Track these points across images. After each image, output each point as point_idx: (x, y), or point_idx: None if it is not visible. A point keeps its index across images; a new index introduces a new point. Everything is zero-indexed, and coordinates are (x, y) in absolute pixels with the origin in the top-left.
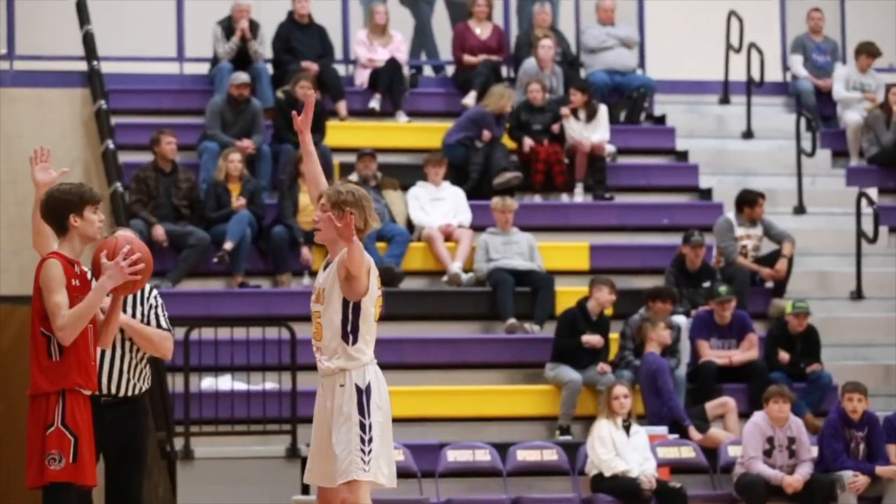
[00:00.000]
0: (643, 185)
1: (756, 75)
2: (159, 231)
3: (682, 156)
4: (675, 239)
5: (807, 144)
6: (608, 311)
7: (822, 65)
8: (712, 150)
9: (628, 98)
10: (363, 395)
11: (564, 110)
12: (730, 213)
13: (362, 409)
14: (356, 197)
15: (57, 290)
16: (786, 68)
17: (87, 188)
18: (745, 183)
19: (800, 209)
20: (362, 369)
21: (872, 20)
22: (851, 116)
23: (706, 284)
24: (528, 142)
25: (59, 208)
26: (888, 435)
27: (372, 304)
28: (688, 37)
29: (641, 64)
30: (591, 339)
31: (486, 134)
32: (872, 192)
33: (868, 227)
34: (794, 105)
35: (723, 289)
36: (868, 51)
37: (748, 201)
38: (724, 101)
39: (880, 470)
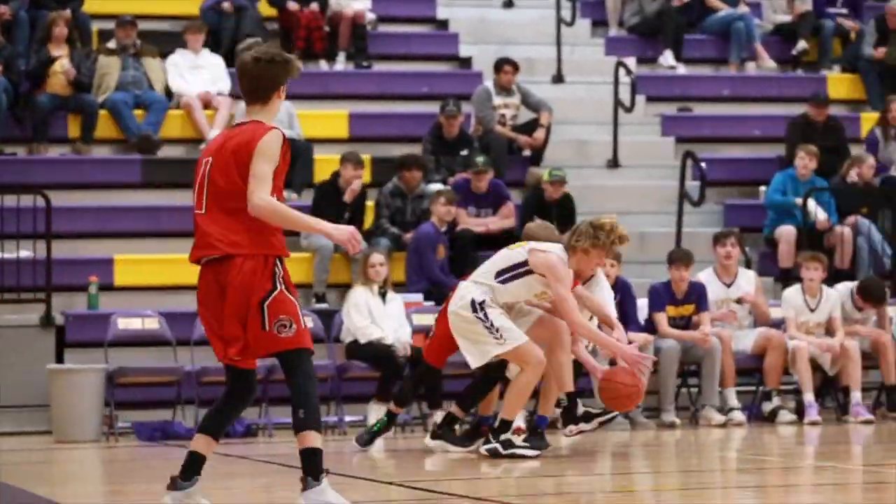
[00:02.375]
0: (403, 53)
1: None
2: None
3: (443, 24)
4: (435, 107)
5: (567, 13)
6: (365, 179)
7: None
8: (473, 19)
9: None
10: None
11: None
12: (488, 82)
13: None
14: None
15: (272, 162)
16: None
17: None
18: (504, 52)
19: (558, 78)
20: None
21: None
22: None
23: (464, 153)
24: (292, 5)
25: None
26: (653, 303)
27: None
28: None
29: None
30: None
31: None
32: (630, 61)
33: (625, 96)
34: None
35: (480, 159)
36: None
37: (496, 68)
38: None
39: (633, 335)
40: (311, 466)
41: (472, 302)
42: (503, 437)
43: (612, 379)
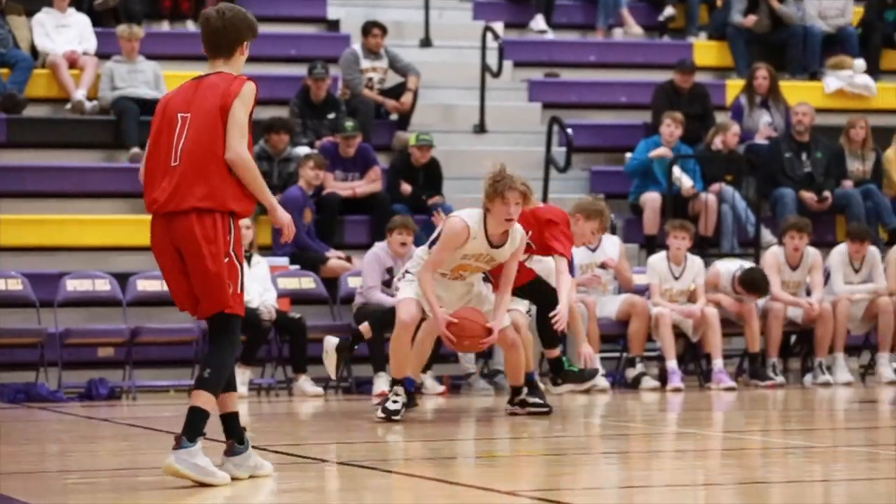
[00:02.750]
0: (272, 15)
1: None
2: None
3: None
4: (303, 70)
5: None
6: None
7: None
8: None
9: None
10: None
11: None
12: (356, 45)
13: None
14: None
15: (249, 112)
16: None
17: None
18: (373, 15)
19: (426, 42)
20: None
21: None
22: None
23: (331, 116)
24: None
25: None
26: None
27: None
28: None
29: None
30: None
31: None
32: (498, 26)
33: (493, 61)
34: None
35: (349, 124)
36: None
37: (363, 31)
38: None
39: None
40: (192, 426)
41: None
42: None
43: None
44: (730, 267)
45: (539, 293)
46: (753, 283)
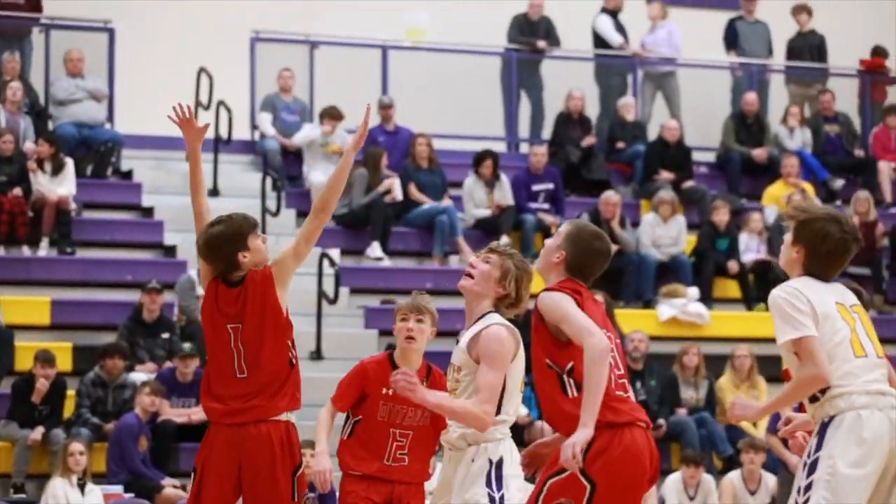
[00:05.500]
0: (108, 240)
1: (224, 133)
2: None
3: (148, 212)
4: (139, 296)
5: (272, 203)
6: (67, 368)
7: (290, 124)
8: (179, 207)
9: (96, 152)
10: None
11: (31, 163)
12: (192, 271)
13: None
14: (522, 269)
15: None
16: (254, 127)
17: (241, 218)
18: None
19: None
20: (497, 443)
21: (339, 81)
22: (317, 177)
23: (165, 336)
24: None
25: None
26: None
27: (519, 377)
28: (157, 92)
29: (110, 118)
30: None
31: None
32: (335, 252)
33: (329, 287)
34: (261, 164)
35: (186, 346)
36: (331, 114)
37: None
38: None
39: None
40: None
41: None
42: None
43: None
44: None
45: None
46: None
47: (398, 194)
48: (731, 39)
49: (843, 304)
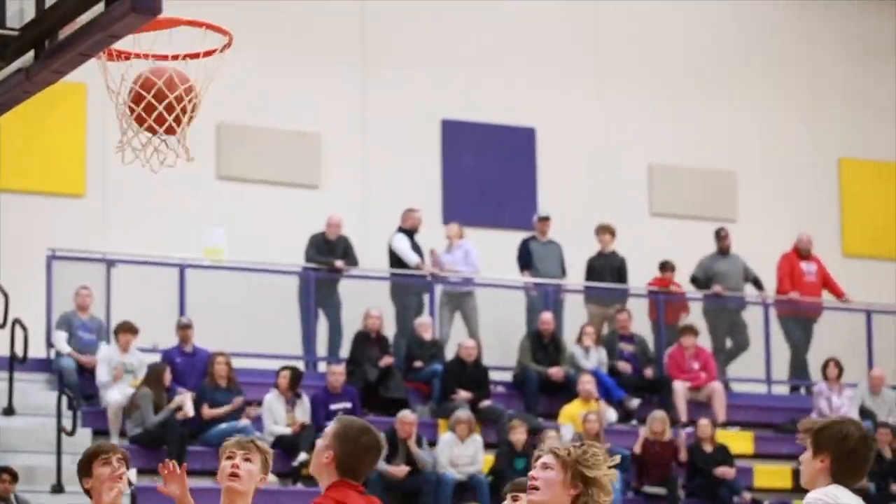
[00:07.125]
0: None
1: (20, 351)
2: None
3: None
4: None
5: (68, 422)
6: None
7: (87, 343)
8: None
9: None
10: None
11: None
12: None
13: None
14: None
15: None
16: (50, 345)
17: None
18: (4, 460)
19: (58, 488)
20: None
21: (136, 299)
22: (113, 396)
23: None
24: None
25: None
26: None
27: None
28: None
29: None
30: None
31: None
32: (132, 473)
33: None
34: (57, 382)
35: None
36: (128, 328)
37: None
38: None
39: None
40: None
41: None
42: None
43: None
44: None
45: None
46: None
47: (189, 410)
48: (525, 259)
49: None
